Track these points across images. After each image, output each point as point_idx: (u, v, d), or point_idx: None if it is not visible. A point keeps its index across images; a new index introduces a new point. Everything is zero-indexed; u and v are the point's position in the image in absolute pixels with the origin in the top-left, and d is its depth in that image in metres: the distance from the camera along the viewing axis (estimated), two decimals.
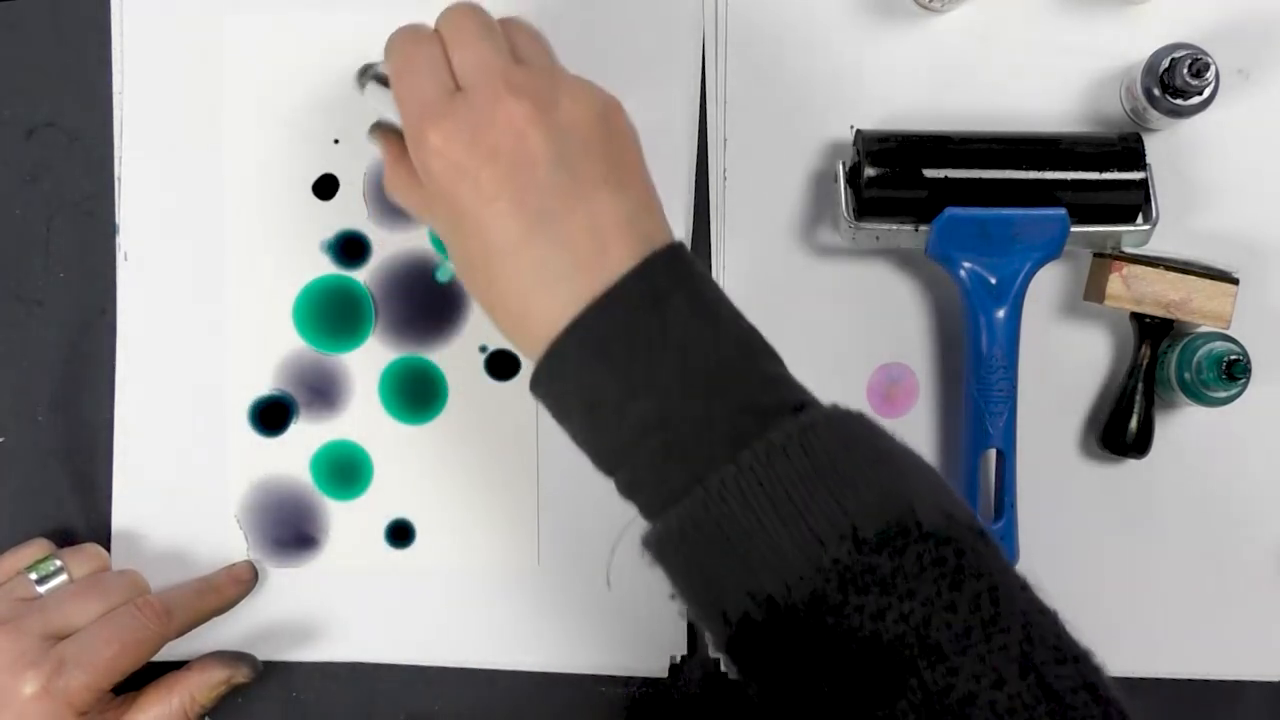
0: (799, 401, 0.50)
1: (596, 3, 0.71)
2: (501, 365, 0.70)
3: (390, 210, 0.71)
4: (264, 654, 0.70)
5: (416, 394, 0.71)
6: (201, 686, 0.64)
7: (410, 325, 0.71)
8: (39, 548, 0.66)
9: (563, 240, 0.50)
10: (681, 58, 0.71)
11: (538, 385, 0.52)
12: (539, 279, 0.50)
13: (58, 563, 0.64)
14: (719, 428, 0.48)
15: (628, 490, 0.51)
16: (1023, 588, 0.49)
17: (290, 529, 0.70)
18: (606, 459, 0.51)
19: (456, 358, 0.71)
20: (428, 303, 0.71)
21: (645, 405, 0.49)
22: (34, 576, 0.64)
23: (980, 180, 0.66)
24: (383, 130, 0.59)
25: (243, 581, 0.68)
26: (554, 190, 0.50)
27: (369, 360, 0.71)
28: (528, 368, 0.70)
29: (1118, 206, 0.67)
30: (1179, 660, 0.70)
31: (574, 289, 0.50)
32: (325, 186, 0.71)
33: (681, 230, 0.70)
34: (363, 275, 0.71)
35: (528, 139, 0.50)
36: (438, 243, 0.71)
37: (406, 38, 0.54)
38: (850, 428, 0.49)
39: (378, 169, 0.71)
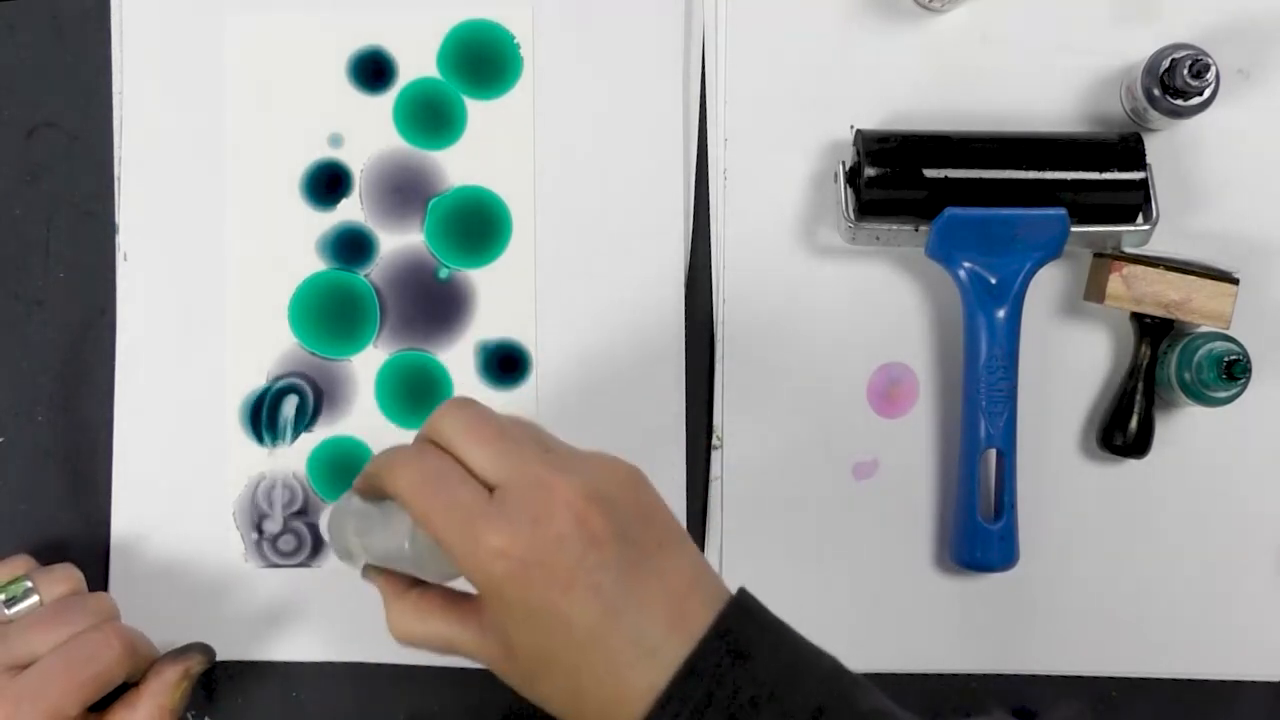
0: None
1: (597, 3, 0.71)
2: (502, 365, 0.70)
3: (390, 210, 0.71)
4: (264, 654, 0.70)
5: (418, 394, 0.71)
6: (162, 690, 0.63)
7: (412, 324, 0.71)
8: (15, 566, 0.65)
9: (644, 613, 0.49)
10: (682, 57, 0.71)
11: None
12: (630, 657, 0.49)
13: (28, 584, 0.63)
14: None
15: None
16: None
17: (289, 528, 0.70)
18: None
19: (457, 358, 0.71)
20: (429, 302, 0.71)
21: None
22: (3, 598, 0.63)
23: (980, 180, 0.66)
24: (374, 570, 0.56)
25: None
26: (625, 565, 0.49)
27: (370, 360, 0.71)
28: (530, 367, 0.70)
29: (1118, 206, 0.67)
30: (1179, 660, 0.70)
31: (663, 658, 0.49)
32: (325, 186, 0.71)
33: (681, 230, 0.70)
34: (365, 274, 0.71)
35: (589, 518, 0.49)
36: (436, 244, 0.71)
37: (414, 455, 0.52)
38: None
39: (377, 168, 0.71)
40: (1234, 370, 0.65)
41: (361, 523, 0.56)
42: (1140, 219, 0.67)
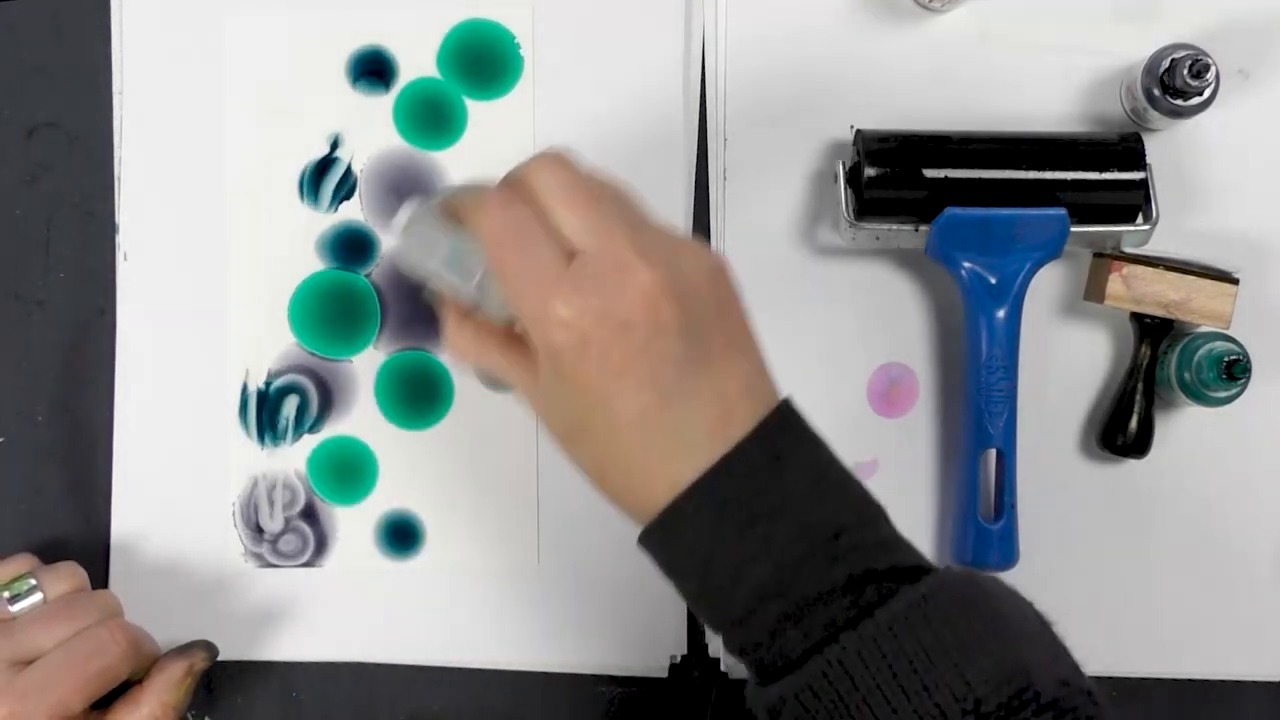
0: (912, 565, 0.50)
1: (597, 3, 0.71)
2: None
3: (390, 210, 0.71)
4: (264, 654, 0.70)
5: (419, 395, 0.71)
6: (167, 686, 0.63)
7: (412, 324, 0.71)
8: (19, 564, 0.65)
9: (691, 410, 0.49)
10: (682, 57, 0.71)
11: (649, 542, 0.51)
12: (666, 448, 0.49)
13: (32, 581, 0.63)
14: (838, 596, 0.48)
15: (739, 652, 0.50)
16: None
17: (290, 529, 0.70)
18: (719, 619, 0.50)
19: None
20: (430, 302, 0.71)
21: (763, 570, 0.48)
22: (7, 595, 0.63)
23: (980, 180, 0.66)
24: (441, 285, 0.55)
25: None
26: (684, 361, 0.49)
27: (371, 360, 0.71)
28: None
29: (1118, 206, 0.67)
30: (1179, 660, 0.70)
31: (698, 455, 0.49)
32: (325, 186, 0.71)
33: (681, 230, 0.70)
34: (365, 274, 0.71)
35: (660, 310, 0.49)
36: None
37: (501, 202, 0.51)
38: (966, 592, 0.49)
39: (377, 168, 0.71)
40: (1234, 370, 0.65)
41: (436, 241, 0.54)
42: (1140, 219, 0.67)
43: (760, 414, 0.50)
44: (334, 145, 0.71)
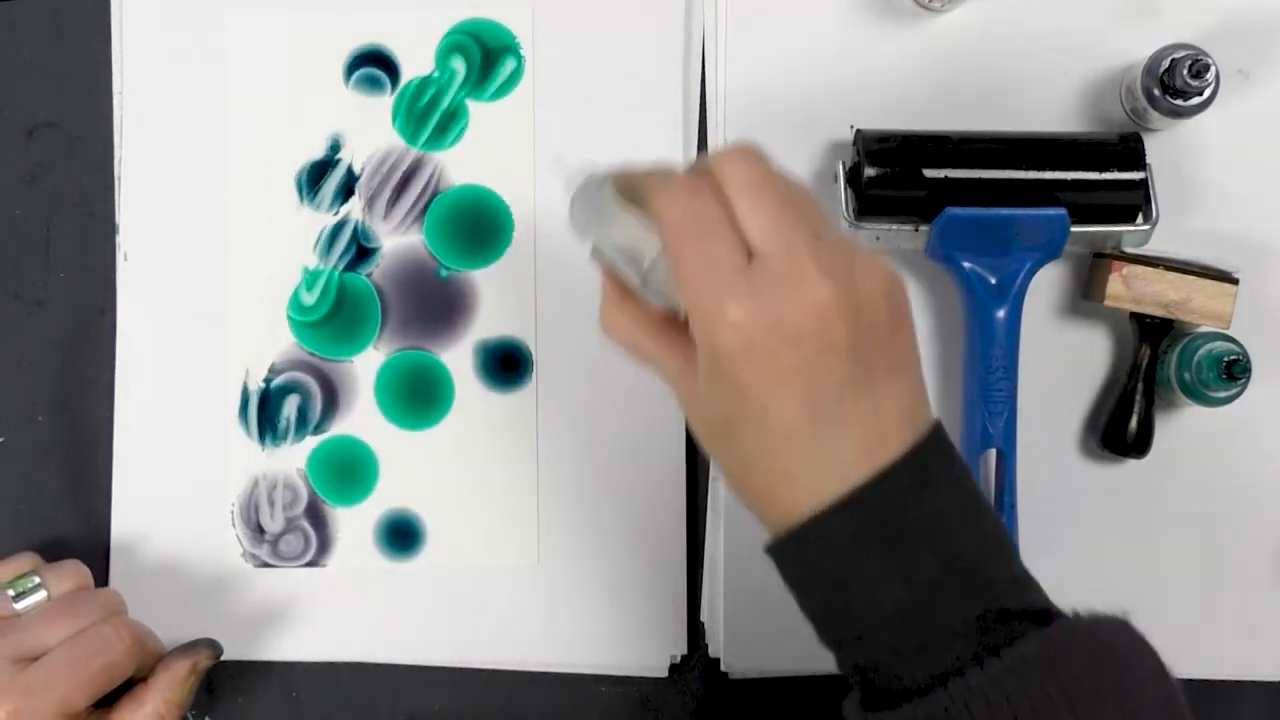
0: (1042, 608, 0.50)
1: (597, 3, 0.71)
2: (502, 364, 0.70)
3: (390, 210, 0.71)
4: (264, 654, 0.70)
5: (420, 395, 0.71)
6: (170, 685, 0.64)
7: (412, 324, 0.71)
8: (22, 562, 0.65)
9: (846, 431, 0.48)
10: (682, 57, 0.71)
11: (781, 551, 0.50)
12: (814, 466, 0.48)
13: (36, 579, 0.63)
14: (968, 630, 0.47)
15: (853, 669, 0.49)
16: None
17: (288, 528, 0.70)
18: (839, 636, 0.49)
19: (457, 358, 0.71)
20: (429, 302, 0.71)
21: (898, 594, 0.47)
22: (11, 593, 0.63)
23: (980, 180, 0.66)
24: (604, 260, 0.54)
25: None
26: (846, 381, 0.48)
27: (370, 360, 0.71)
28: (531, 367, 0.70)
29: (1118, 206, 0.67)
30: (1178, 660, 0.70)
31: (846, 476, 0.48)
32: (325, 186, 0.71)
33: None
34: (365, 274, 0.71)
35: (832, 326, 0.47)
36: (436, 244, 0.71)
37: (686, 190, 0.49)
38: (1093, 644, 0.48)
39: (377, 168, 0.71)
40: (1234, 370, 0.65)
41: (609, 216, 0.53)
42: (1140, 219, 0.67)
43: (913, 438, 0.49)
44: (334, 145, 0.71)
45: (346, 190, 0.71)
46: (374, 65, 0.71)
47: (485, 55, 0.71)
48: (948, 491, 0.49)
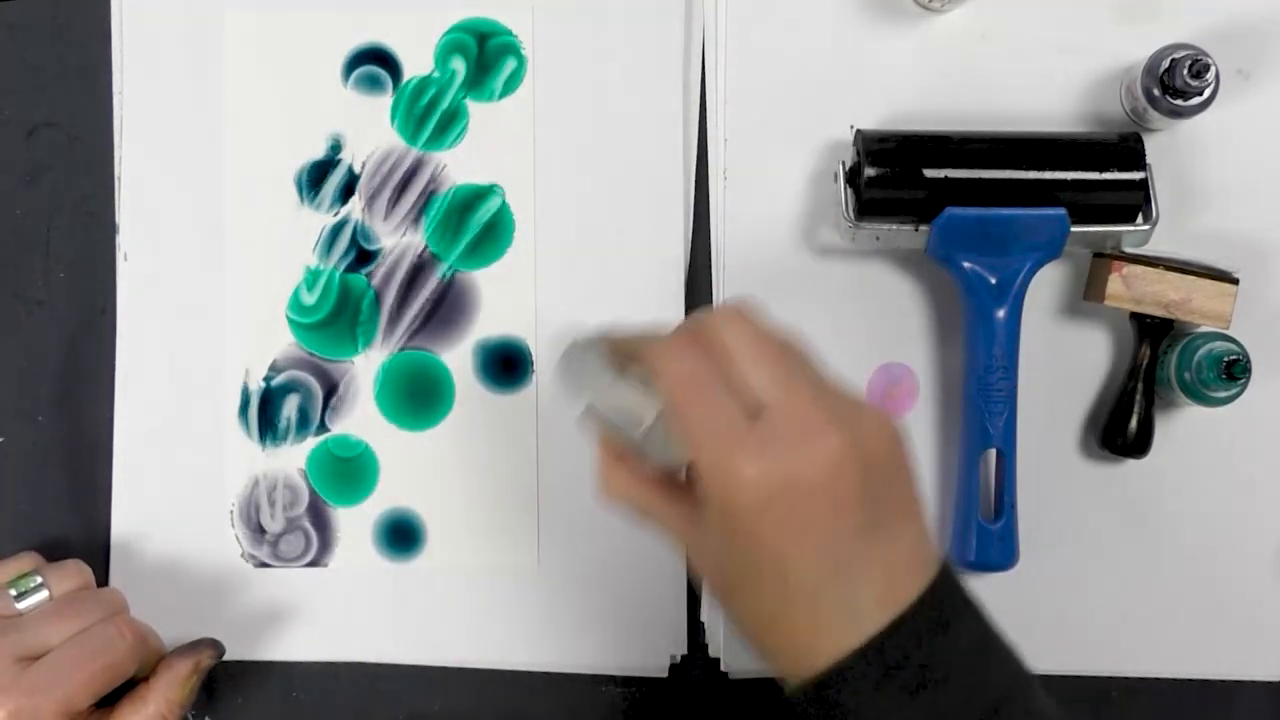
0: None
1: (597, 3, 0.71)
2: (502, 365, 0.70)
3: (390, 210, 0.71)
4: (264, 654, 0.70)
5: (420, 395, 0.71)
6: (172, 684, 0.64)
7: (412, 324, 0.71)
8: (24, 561, 0.65)
9: (862, 579, 0.49)
10: (682, 57, 0.71)
11: (806, 700, 0.50)
12: (834, 616, 0.49)
13: (38, 579, 0.63)
14: None
15: None
16: None
17: (289, 528, 0.70)
18: None
19: (457, 358, 0.71)
20: (429, 302, 0.71)
21: None
22: (13, 593, 0.63)
23: (980, 180, 0.66)
24: (598, 423, 0.54)
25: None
26: (862, 530, 0.48)
27: (370, 360, 0.71)
28: (531, 367, 0.70)
29: (1118, 206, 0.67)
30: (1178, 660, 0.70)
31: (865, 624, 0.48)
32: (325, 186, 0.71)
33: (681, 230, 0.70)
34: (365, 274, 0.71)
35: (845, 477, 0.48)
36: (436, 244, 0.71)
37: (684, 351, 0.50)
38: None
39: (377, 168, 0.71)
40: (1234, 370, 0.65)
41: (601, 379, 0.53)
42: (1140, 219, 0.67)
43: (925, 581, 0.49)
44: (334, 145, 0.71)
45: (346, 190, 0.71)
46: (374, 63, 0.71)
47: (485, 55, 0.71)
48: (966, 632, 0.50)
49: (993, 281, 0.67)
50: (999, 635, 0.51)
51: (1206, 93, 0.66)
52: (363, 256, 0.71)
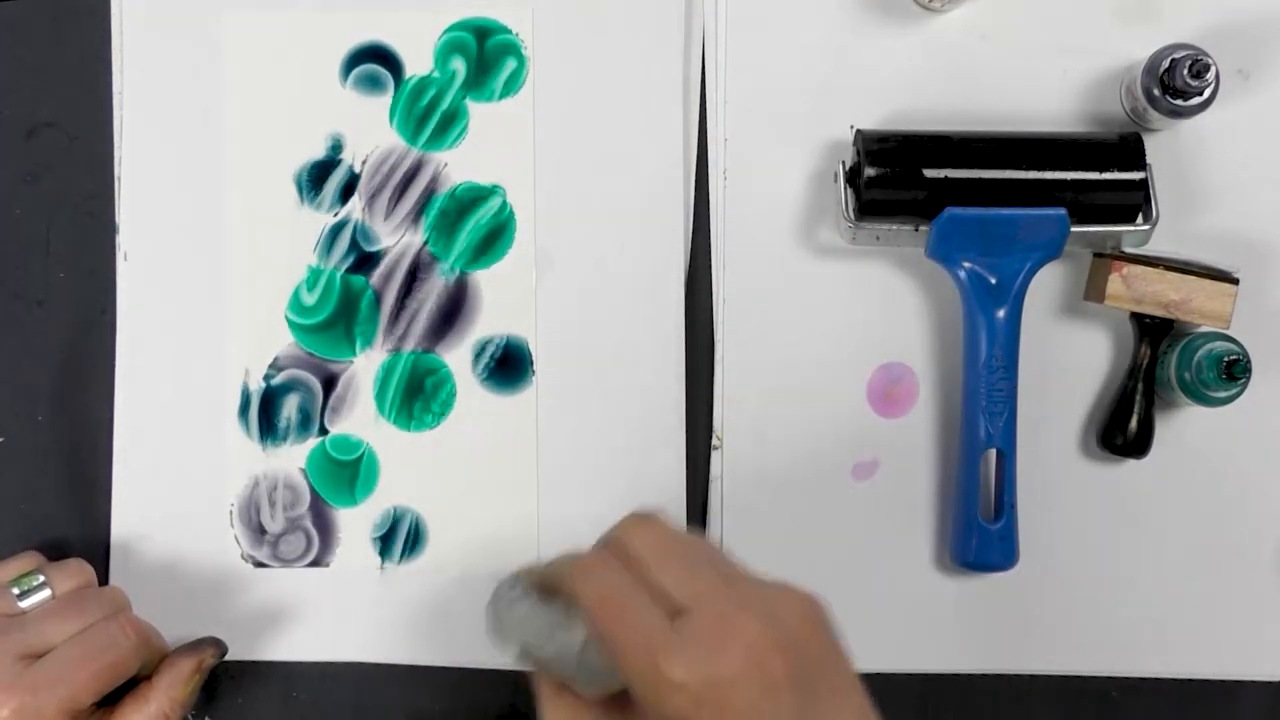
0: None
1: (597, 2, 0.71)
2: (501, 364, 0.70)
3: (390, 210, 0.71)
4: (264, 654, 0.70)
5: (420, 395, 0.71)
6: (175, 683, 0.64)
7: (412, 324, 0.71)
8: (26, 561, 0.66)
9: None
10: (682, 57, 0.71)
11: None
12: None
13: (41, 578, 0.63)
14: None
15: None
16: None
17: (289, 528, 0.70)
18: None
19: (457, 358, 0.71)
20: (429, 302, 0.71)
21: None
22: (16, 591, 0.63)
23: (980, 180, 0.66)
24: (533, 661, 0.54)
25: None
26: (795, 713, 0.48)
27: (370, 360, 0.71)
28: (531, 367, 0.70)
29: (1118, 206, 0.67)
30: (1178, 660, 0.70)
31: None
32: (325, 186, 0.71)
33: (682, 230, 0.70)
34: (366, 274, 0.71)
35: (768, 663, 0.48)
36: (436, 244, 0.71)
37: (599, 567, 0.51)
38: None
39: (377, 168, 0.71)
40: (1234, 370, 0.65)
41: (529, 615, 0.54)
42: (1140, 219, 0.67)
43: None
44: (334, 145, 0.71)
45: (347, 190, 0.71)
46: (374, 62, 0.71)
47: (485, 55, 0.71)
48: None
49: (993, 281, 0.67)
50: None
51: (1206, 93, 0.66)
52: (363, 257, 0.71)
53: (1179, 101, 0.66)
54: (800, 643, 0.49)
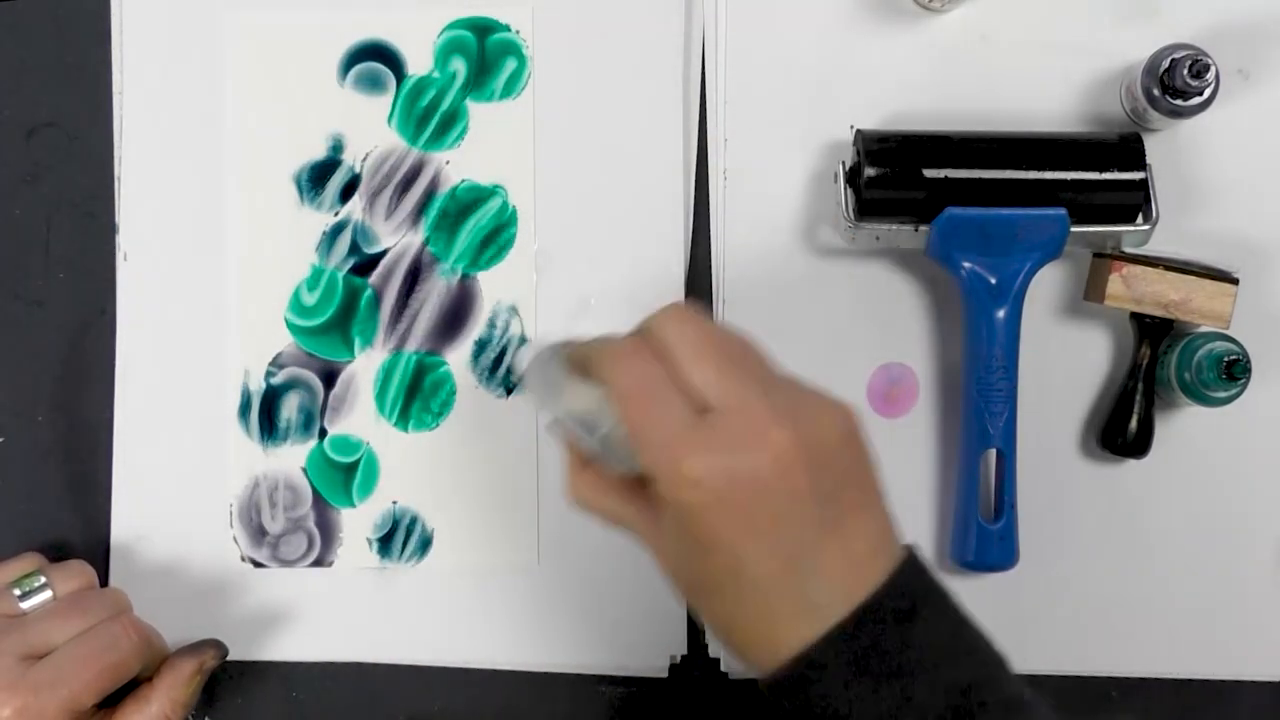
0: None
1: (597, 2, 0.71)
2: (502, 366, 0.70)
3: (390, 210, 0.71)
4: (264, 654, 0.70)
5: (420, 396, 0.71)
6: (176, 684, 0.64)
7: (412, 324, 0.71)
8: (27, 562, 0.66)
9: (820, 572, 0.49)
10: (682, 57, 0.71)
11: (775, 692, 0.50)
12: (793, 609, 0.49)
13: (42, 579, 0.63)
14: None
15: None
16: None
17: (289, 528, 0.70)
18: None
19: (458, 358, 0.71)
20: (429, 302, 0.71)
21: None
22: (17, 592, 0.63)
23: (980, 180, 0.66)
24: (563, 431, 0.54)
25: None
26: (814, 524, 0.49)
27: (370, 360, 0.71)
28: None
29: (1118, 206, 0.67)
30: (1178, 660, 0.70)
31: (826, 616, 0.48)
32: (325, 186, 0.71)
33: (681, 230, 0.70)
34: (367, 275, 0.71)
35: (793, 473, 0.48)
36: (437, 244, 0.71)
37: (631, 357, 0.51)
38: None
39: (377, 168, 0.71)
40: (1234, 370, 0.65)
41: (561, 389, 0.54)
42: (1140, 219, 0.67)
43: (887, 571, 0.49)
44: (334, 145, 0.71)
45: (347, 190, 0.71)
46: (374, 60, 0.71)
47: (485, 55, 0.71)
48: (935, 619, 0.50)
49: (993, 281, 0.67)
50: (970, 622, 0.51)
51: (1206, 93, 0.66)
52: (363, 257, 0.71)
53: (1179, 101, 0.66)
54: (828, 455, 0.49)
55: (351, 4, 0.71)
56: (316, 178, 0.71)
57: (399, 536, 0.70)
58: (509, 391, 0.70)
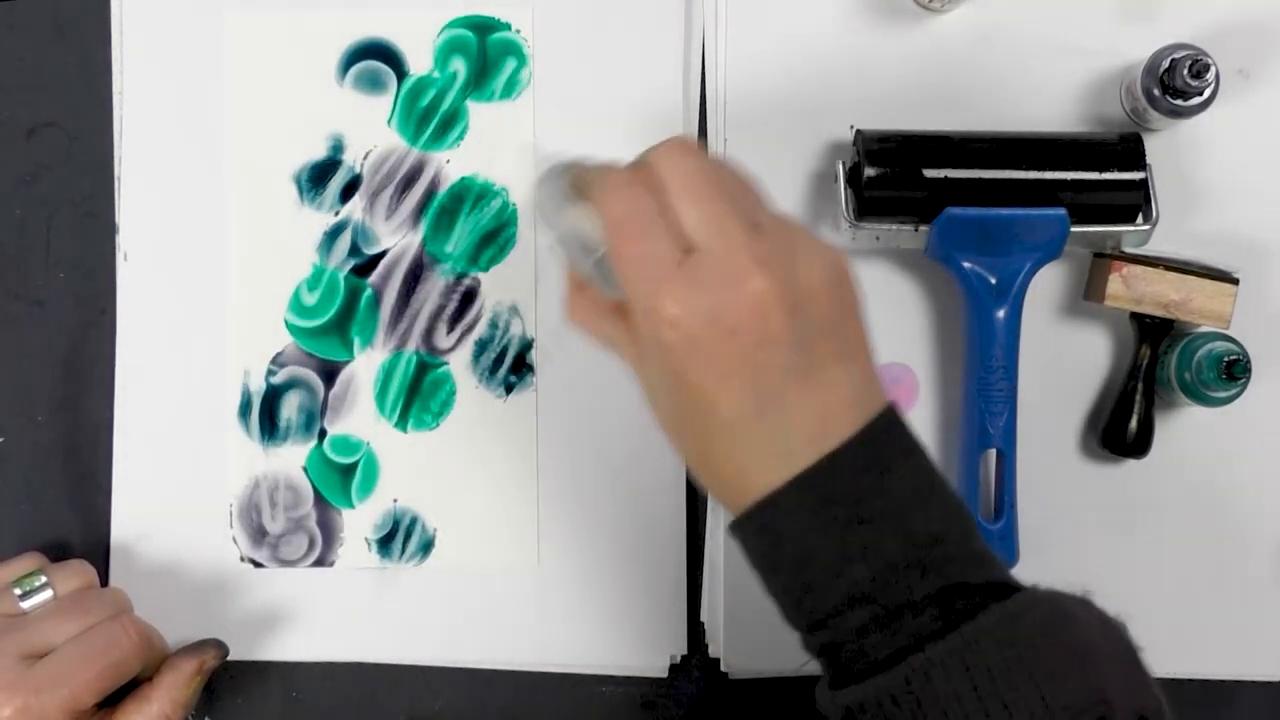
0: (1001, 581, 0.50)
1: (598, 2, 0.71)
2: (501, 366, 0.70)
3: (390, 210, 0.71)
4: (264, 654, 0.70)
5: (420, 395, 0.71)
6: (176, 684, 0.64)
7: (412, 325, 0.71)
8: (28, 561, 0.66)
9: (791, 419, 0.49)
10: (682, 57, 0.71)
11: (743, 532, 0.50)
12: (763, 453, 0.49)
13: (43, 578, 0.64)
14: (929, 606, 0.48)
15: (819, 650, 0.50)
16: None
17: (289, 528, 0.70)
18: (804, 616, 0.50)
19: (457, 358, 0.71)
20: (429, 302, 0.71)
21: (861, 572, 0.48)
22: (18, 592, 0.63)
23: (980, 180, 0.66)
24: (564, 250, 0.54)
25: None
26: (790, 371, 0.48)
27: (370, 360, 0.71)
28: (531, 367, 0.70)
29: (1118, 206, 0.67)
30: (1178, 660, 0.70)
31: (795, 462, 0.48)
32: (325, 186, 0.71)
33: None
34: (367, 274, 0.71)
35: (770, 319, 0.48)
36: (436, 244, 0.71)
37: (625, 188, 0.50)
38: (1053, 615, 0.49)
39: (377, 168, 0.71)
40: (1234, 370, 0.65)
41: (561, 211, 0.54)
42: (1140, 219, 0.67)
43: (861, 422, 0.49)
44: (334, 145, 0.71)
45: (347, 190, 0.71)
46: (374, 59, 0.71)
47: (485, 55, 0.71)
48: (904, 472, 0.49)
49: (993, 281, 0.67)
50: (942, 479, 0.51)
51: (1206, 93, 0.66)
52: (363, 257, 0.71)
53: (1179, 101, 0.66)
54: (811, 302, 0.49)
55: (351, 3, 0.71)
56: (316, 178, 0.71)
57: (399, 537, 0.70)
58: (509, 391, 0.71)
